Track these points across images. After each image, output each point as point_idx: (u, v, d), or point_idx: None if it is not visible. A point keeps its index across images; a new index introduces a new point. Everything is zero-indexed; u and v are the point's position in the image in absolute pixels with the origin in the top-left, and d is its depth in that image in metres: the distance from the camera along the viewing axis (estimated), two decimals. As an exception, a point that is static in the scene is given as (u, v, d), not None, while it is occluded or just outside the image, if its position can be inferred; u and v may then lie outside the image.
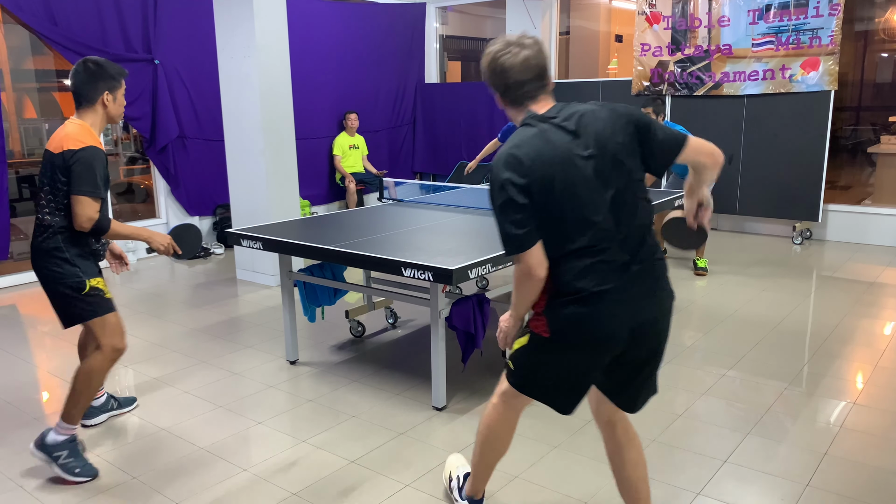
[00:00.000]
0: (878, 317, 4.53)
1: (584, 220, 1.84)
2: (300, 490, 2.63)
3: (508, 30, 8.31)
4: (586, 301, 1.86)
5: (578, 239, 1.85)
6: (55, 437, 2.72)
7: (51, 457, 2.70)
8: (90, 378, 2.73)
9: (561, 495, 2.56)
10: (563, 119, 1.87)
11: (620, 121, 1.89)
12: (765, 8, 6.56)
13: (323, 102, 7.88)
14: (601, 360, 1.95)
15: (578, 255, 1.86)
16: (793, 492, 2.56)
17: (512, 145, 1.86)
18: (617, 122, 1.89)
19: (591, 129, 1.86)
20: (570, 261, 1.87)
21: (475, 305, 3.33)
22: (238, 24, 5.23)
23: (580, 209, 1.84)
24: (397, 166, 9.02)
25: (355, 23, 8.11)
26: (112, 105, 2.76)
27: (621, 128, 1.88)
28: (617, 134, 1.87)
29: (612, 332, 1.89)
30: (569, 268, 1.87)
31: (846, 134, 7.67)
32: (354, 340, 4.27)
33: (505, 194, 1.83)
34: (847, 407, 3.25)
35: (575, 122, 1.87)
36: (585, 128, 1.86)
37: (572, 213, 1.84)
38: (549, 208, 1.84)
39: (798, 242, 6.74)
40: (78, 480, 2.69)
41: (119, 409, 3.29)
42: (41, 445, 2.71)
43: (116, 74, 2.75)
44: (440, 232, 3.64)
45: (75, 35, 5.80)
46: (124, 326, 2.84)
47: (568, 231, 1.85)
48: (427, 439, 3.01)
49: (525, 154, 1.83)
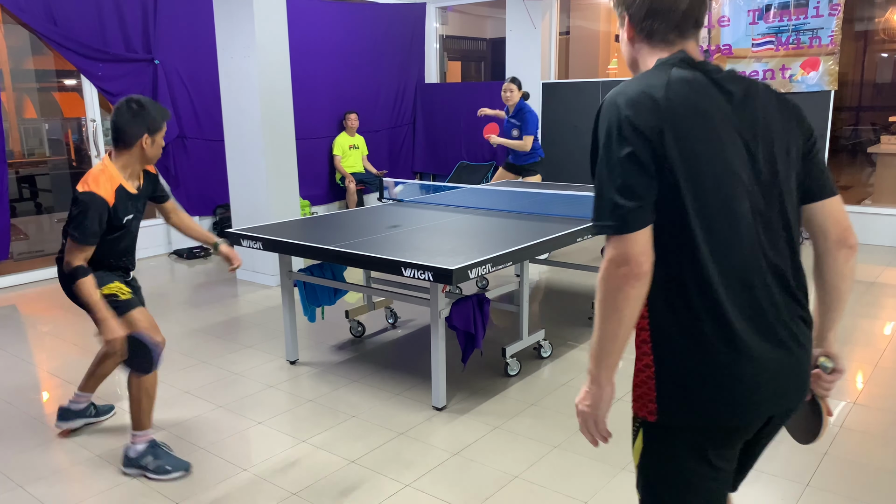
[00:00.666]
0: (878, 317, 4.53)
1: (732, 222, 1.25)
2: (300, 490, 2.63)
3: (508, 30, 8.31)
4: (725, 357, 1.25)
5: (719, 251, 1.24)
6: (135, 449, 2.74)
7: (140, 467, 2.72)
8: (140, 382, 2.72)
9: (561, 495, 2.56)
10: (725, 77, 1.31)
11: (794, 116, 1.36)
12: (765, 8, 6.56)
13: (323, 102, 7.88)
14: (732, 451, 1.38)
15: (718, 275, 1.24)
16: (793, 492, 2.56)
17: (644, 84, 1.27)
18: (790, 116, 1.36)
19: (762, 105, 1.31)
20: (703, 283, 1.24)
21: (475, 305, 3.33)
22: (238, 23, 5.23)
23: (730, 202, 1.24)
24: (397, 166, 9.02)
25: (355, 23, 8.11)
26: (150, 148, 2.70)
27: (795, 126, 1.36)
28: (789, 130, 1.34)
29: (755, 413, 1.32)
30: (701, 294, 1.25)
31: (846, 134, 7.67)
32: (354, 340, 4.27)
33: (619, 144, 1.23)
34: (847, 407, 3.25)
35: (743, 89, 1.31)
36: (755, 100, 1.31)
37: (717, 205, 1.24)
38: (683, 185, 1.23)
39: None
40: (174, 477, 2.71)
41: (97, 416, 3.23)
42: (128, 463, 2.75)
43: (158, 117, 2.68)
44: (440, 232, 3.64)
45: (75, 35, 5.80)
46: (154, 321, 2.81)
47: (704, 233, 1.24)
48: (427, 439, 3.00)
49: (663, 96, 1.24)
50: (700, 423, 1.30)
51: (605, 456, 2.83)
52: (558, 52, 8.67)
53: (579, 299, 4.99)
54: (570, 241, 3.63)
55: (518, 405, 3.31)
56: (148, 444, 2.75)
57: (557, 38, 8.55)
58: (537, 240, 3.36)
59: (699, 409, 1.28)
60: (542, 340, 3.88)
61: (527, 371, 3.71)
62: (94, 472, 2.78)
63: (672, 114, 1.23)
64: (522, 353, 3.80)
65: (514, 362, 3.66)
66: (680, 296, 1.26)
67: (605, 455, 2.83)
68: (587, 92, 7.96)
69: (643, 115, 1.22)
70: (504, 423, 3.12)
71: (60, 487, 2.68)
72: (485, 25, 10.76)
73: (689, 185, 1.22)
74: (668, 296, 1.27)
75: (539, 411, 3.24)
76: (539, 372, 3.70)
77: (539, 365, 3.80)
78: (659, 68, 1.31)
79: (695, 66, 1.30)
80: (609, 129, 1.25)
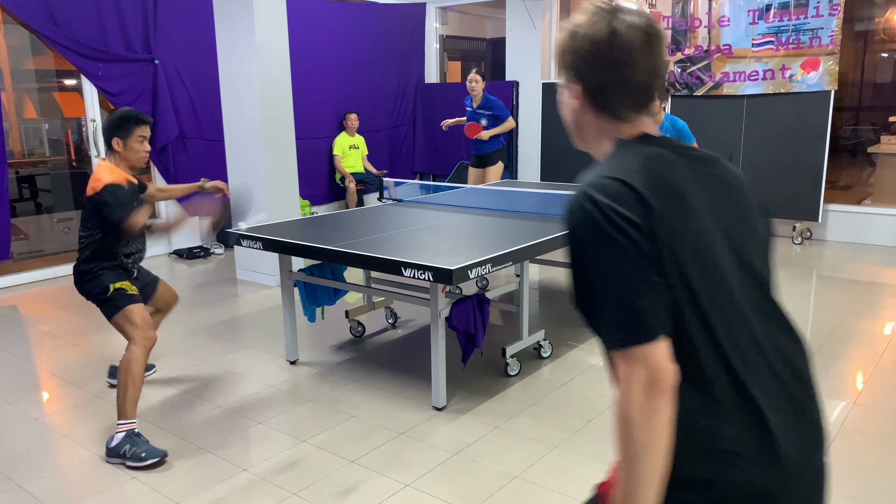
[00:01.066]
0: (878, 317, 4.53)
1: (726, 305, 1.09)
2: (300, 490, 2.63)
3: (508, 30, 8.31)
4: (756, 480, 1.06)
5: (713, 343, 1.07)
6: (116, 437, 2.85)
7: (119, 456, 2.81)
8: (128, 370, 2.89)
9: (561, 495, 2.56)
10: (692, 152, 1.18)
11: (747, 192, 1.22)
12: (765, 8, 6.56)
13: (323, 102, 7.88)
14: None
15: (716, 374, 1.07)
16: (793, 492, 2.56)
17: (616, 171, 1.10)
18: (746, 189, 1.22)
19: (732, 178, 1.21)
20: (703, 389, 1.07)
21: (475, 305, 3.33)
22: (238, 24, 5.23)
23: (718, 283, 1.09)
24: (397, 166, 9.02)
25: (355, 23, 8.11)
26: (123, 150, 3.07)
27: (755, 204, 1.23)
28: (750, 199, 1.22)
29: None
30: (704, 411, 1.07)
31: (846, 134, 7.67)
32: (354, 340, 4.27)
33: (609, 242, 1.04)
34: (847, 407, 3.25)
35: (713, 163, 1.20)
36: (725, 174, 1.20)
37: (705, 287, 1.08)
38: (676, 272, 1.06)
39: (798, 242, 6.73)
40: (149, 463, 2.79)
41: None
42: (109, 452, 2.85)
43: (121, 125, 3.05)
44: (440, 232, 3.65)
45: (75, 35, 5.80)
46: (149, 319, 3.09)
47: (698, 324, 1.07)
48: (427, 439, 3.01)
49: (638, 180, 1.08)
50: None
51: (605, 456, 2.83)
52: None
53: (579, 299, 4.98)
54: (570, 241, 3.62)
55: (518, 405, 3.31)
56: (126, 433, 2.84)
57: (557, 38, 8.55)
58: (537, 240, 3.37)
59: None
60: (542, 340, 3.88)
61: (527, 371, 3.71)
62: (94, 472, 2.79)
63: (657, 200, 1.06)
64: (522, 353, 3.80)
65: (514, 362, 3.66)
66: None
67: (605, 455, 2.83)
68: (587, 92, 7.96)
69: (629, 205, 1.05)
70: (504, 423, 3.12)
71: (60, 487, 2.68)
72: (485, 25, 10.76)
73: (682, 280, 1.06)
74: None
75: (539, 411, 3.24)
76: (539, 372, 3.70)
77: (539, 365, 3.80)
78: (624, 149, 1.16)
79: (656, 144, 1.17)
80: (582, 226, 1.06)
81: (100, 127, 6.19)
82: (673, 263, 1.05)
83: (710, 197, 1.14)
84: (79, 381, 3.71)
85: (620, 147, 1.17)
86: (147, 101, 6.37)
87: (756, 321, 1.12)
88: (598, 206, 1.05)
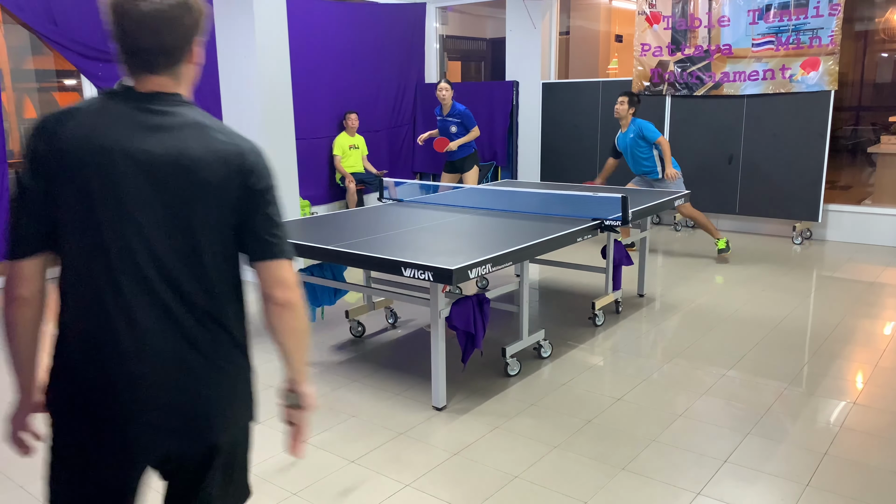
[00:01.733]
0: (878, 317, 4.53)
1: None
2: (300, 490, 2.63)
3: (508, 30, 8.32)
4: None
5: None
6: None
7: None
8: None
9: (561, 495, 2.57)
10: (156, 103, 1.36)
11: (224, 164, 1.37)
12: (765, 8, 6.56)
13: (323, 102, 7.88)
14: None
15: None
16: (793, 492, 2.56)
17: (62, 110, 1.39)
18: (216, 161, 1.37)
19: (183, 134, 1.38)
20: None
21: (475, 305, 3.33)
22: (238, 24, 5.23)
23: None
24: (397, 166, 9.02)
25: (355, 23, 8.11)
26: None
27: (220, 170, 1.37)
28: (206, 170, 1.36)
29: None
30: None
31: (846, 134, 7.67)
32: (354, 340, 4.27)
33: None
34: (847, 407, 3.25)
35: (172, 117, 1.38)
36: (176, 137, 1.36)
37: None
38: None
39: (798, 242, 6.73)
40: None
41: None
42: None
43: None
44: (440, 232, 3.65)
45: (75, 35, 5.80)
46: None
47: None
48: (427, 439, 3.01)
49: (53, 117, 1.37)
50: None
51: (605, 456, 2.83)
52: (558, 52, 8.67)
53: (579, 299, 4.99)
54: (570, 241, 3.63)
55: (518, 405, 3.31)
56: None
57: (557, 38, 8.55)
58: (537, 240, 3.37)
59: None
60: (542, 340, 3.89)
61: (527, 371, 3.71)
62: (94, 472, 2.79)
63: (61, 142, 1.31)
64: (522, 353, 3.81)
65: (514, 362, 3.66)
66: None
67: (605, 455, 2.84)
68: (587, 92, 7.97)
69: (33, 135, 1.35)
70: (504, 423, 3.12)
71: (60, 487, 2.68)
72: (485, 25, 10.77)
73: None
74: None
75: (539, 411, 3.25)
76: (539, 372, 3.70)
77: (539, 365, 3.80)
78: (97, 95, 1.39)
79: (123, 97, 1.35)
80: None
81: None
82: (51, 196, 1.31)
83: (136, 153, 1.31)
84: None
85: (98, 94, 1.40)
86: (147, 101, 6.37)
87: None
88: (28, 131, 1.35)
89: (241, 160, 1.38)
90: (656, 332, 4.31)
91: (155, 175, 1.31)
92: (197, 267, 1.37)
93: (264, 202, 1.41)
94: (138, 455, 1.40)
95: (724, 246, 6.04)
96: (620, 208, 3.88)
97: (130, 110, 1.33)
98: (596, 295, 4.71)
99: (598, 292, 4.97)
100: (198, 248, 1.37)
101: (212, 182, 1.34)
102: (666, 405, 3.28)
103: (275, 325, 1.48)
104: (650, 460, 2.78)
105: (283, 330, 1.47)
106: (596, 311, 4.40)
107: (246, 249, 1.45)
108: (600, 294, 4.63)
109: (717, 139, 7.03)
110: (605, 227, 3.90)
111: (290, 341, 1.49)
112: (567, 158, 8.26)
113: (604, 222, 3.88)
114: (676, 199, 4.93)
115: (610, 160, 6.28)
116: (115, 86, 1.37)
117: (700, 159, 7.06)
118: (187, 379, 1.37)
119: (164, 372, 1.35)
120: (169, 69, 1.37)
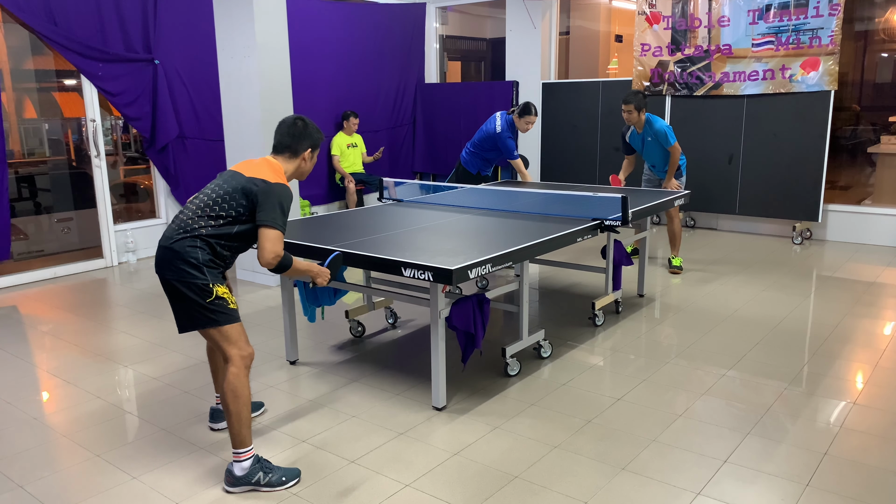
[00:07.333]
0: (878, 317, 4.53)
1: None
2: (300, 490, 2.63)
3: (508, 30, 8.32)
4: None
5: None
6: (242, 466, 2.62)
7: (252, 484, 2.62)
8: (235, 394, 2.60)
9: (561, 495, 2.57)
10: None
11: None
12: (765, 8, 6.56)
13: (323, 102, 7.88)
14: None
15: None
16: (793, 492, 2.56)
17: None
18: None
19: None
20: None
21: (475, 305, 3.33)
22: (238, 24, 5.23)
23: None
24: (397, 166, 9.02)
25: (355, 23, 8.11)
26: (308, 163, 2.91)
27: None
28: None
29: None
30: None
31: (846, 134, 7.67)
32: (354, 340, 4.27)
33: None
34: (847, 407, 3.25)
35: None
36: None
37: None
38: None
39: (798, 242, 6.73)
40: (289, 486, 2.64)
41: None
42: (235, 482, 2.62)
43: (319, 139, 2.91)
44: (440, 232, 3.65)
45: (75, 35, 5.80)
46: (245, 333, 2.72)
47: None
48: (427, 439, 3.01)
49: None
50: None
51: (605, 456, 2.83)
52: (558, 52, 8.67)
53: (579, 299, 4.99)
54: (570, 241, 3.63)
55: (518, 405, 3.31)
56: (252, 460, 2.63)
57: (557, 38, 8.55)
58: (537, 240, 3.37)
59: None
60: (542, 340, 3.89)
61: (527, 371, 3.71)
62: (94, 472, 2.79)
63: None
64: (522, 353, 3.80)
65: (514, 362, 3.66)
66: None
67: (605, 455, 2.83)
68: (587, 92, 7.97)
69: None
70: (504, 423, 3.12)
71: (60, 487, 2.68)
72: (485, 25, 10.77)
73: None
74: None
75: (539, 411, 3.25)
76: (539, 372, 3.70)
77: (539, 365, 3.80)
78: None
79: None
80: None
81: (100, 127, 6.19)
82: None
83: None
84: (79, 381, 3.72)
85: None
86: (147, 102, 6.37)
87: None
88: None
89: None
90: (656, 332, 4.31)
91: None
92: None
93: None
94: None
95: (678, 264, 5.73)
96: (620, 208, 3.88)
97: None
98: (596, 295, 4.71)
99: (598, 292, 4.97)
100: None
101: None
102: (666, 405, 3.28)
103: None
104: (650, 460, 2.78)
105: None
106: (596, 311, 4.40)
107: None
108: (600, 294, 4.63)
109: (716, 139, 7.03)
110: (605, 227, 3.90)
111: None
112: (567, 158, 8.26)
113: (604, 222, 3.88)
114: (676, 199, 4.93)
115: (627, 158, 5.93)
116: None
117: (700, 159, 7.06)
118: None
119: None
120: None
